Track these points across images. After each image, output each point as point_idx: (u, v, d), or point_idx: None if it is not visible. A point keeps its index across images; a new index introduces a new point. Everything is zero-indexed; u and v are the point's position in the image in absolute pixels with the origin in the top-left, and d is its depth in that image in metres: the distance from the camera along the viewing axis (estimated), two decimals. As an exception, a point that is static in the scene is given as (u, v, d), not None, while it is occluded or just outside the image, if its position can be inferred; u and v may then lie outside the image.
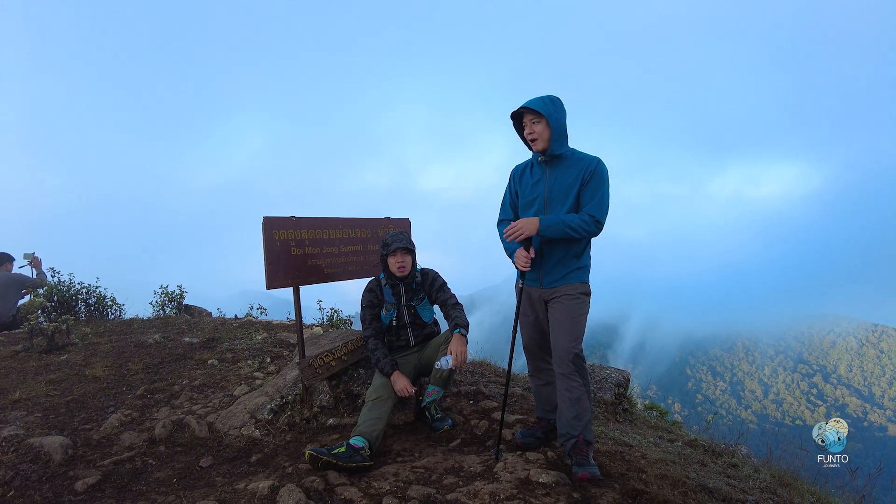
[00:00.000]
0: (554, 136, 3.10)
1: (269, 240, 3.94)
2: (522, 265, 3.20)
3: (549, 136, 3.11)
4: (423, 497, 2.74)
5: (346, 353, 4.29)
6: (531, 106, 3.08)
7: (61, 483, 3.20)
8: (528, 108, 3.10)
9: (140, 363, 5.64)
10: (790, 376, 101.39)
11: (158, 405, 4.56)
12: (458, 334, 3.65)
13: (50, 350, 6.17)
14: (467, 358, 3.63)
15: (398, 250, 3.76)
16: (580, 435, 3.07)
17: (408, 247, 3.78)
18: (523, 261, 3.18)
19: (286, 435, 3.91)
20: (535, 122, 3.11)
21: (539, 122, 3.10)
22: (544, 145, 3.13)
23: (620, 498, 2.80)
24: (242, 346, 6.41)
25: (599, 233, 3.13)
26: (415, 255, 3.92)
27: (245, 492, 2.87)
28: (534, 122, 3.12)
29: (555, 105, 3.11)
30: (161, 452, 3.68)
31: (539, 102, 3.09)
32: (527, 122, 3.15)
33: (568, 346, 3.09)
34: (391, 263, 3.80)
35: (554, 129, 3.09)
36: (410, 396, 3.69)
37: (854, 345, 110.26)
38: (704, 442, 4.65)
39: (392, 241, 3.77)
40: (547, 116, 3.06)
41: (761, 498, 3.26)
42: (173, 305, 9.97)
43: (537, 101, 3.10)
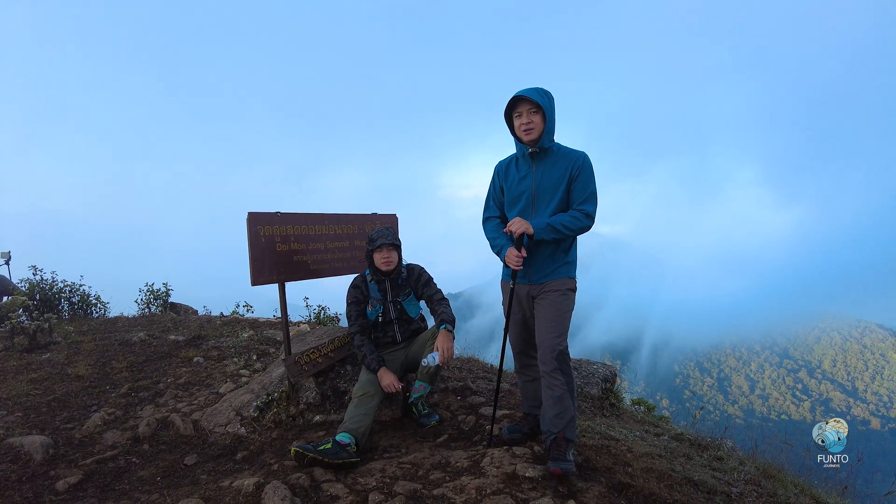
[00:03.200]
0: (547, 128, 3.07)
1: (254, 236, 3.90)
2: (514, 264, 3.13)
3: (542, 129, 3.07)
4: (409, 492, 2.73)
5: (332, 349, 4.27)
6: (531, 96, 3.01)
7: (42, 483, 3.15)
8: (527, 98, 3.02)
9: (124, 361, 5.58)
10: (776, 372, 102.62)
11: (143, 403, 4.51)
12: (445, 330, 3.64)
13: (32, 349, 6.09)
14: (454, 353, 3.63)
15: (384, 246, 3.74)
16: (560, 432, 3.06)
17: (394, 242, 3.77)
18: (515, 260, 3.12)
19: (272, 432, 3.88)
20: (534, 112, 3.05)
21: (537, 113, 3.05)
22: (537, 136, 3.07)
23: (606, 491, 2.81)
24: (228, 343, 6.36)
25: (591, 227, 3.12)
26: (400, 251, 3.90)
27: (230, 489, 2.84)
28: (532, 112, 3.05)
29: (549, 98, 3.08)
30: (145, 451, 3.64)
31: (537, 93, 3.03)
32: (523, 111, 3.07)
33: (553, 343, 3.08)
34: (377, 258, 3.77)
35: (548, 122, 3.06)
36: (397, 392, 3.69)
37: (838, 340, 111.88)
38: (690, 436, 4.68)
39: (378, 236, 3.75)
40: (544, 108, 3.03)
41: (745, 490, 3.29)
42: (159, 303, 9.88)
43: (535, 91, 3.04)
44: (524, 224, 3.03)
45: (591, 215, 3.07)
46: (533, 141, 3.10)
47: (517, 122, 3.13)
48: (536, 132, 3.07)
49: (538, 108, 3.04)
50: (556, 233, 3.04)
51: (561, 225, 3.02)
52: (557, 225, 3.02)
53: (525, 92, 3.03)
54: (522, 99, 3.05)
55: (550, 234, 3.04)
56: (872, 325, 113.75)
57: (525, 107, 3.06)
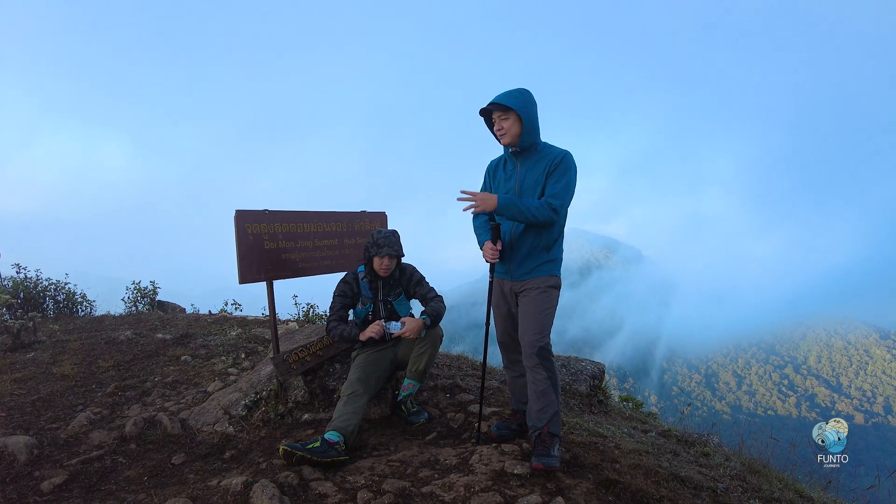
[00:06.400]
0: (525, 128, 3.11)
1: (242, 234, 3.88)
2: (490, 257, 3.22)
3: (519, 130, 3.11)
4: (398, 490, 2.73)
5: (321, 348, 4.26)
6: (498, 101, 3.08)
7: (26, 484, 3.11)
8: (496, 105, 3.09)
9: (111, 360, 5.52)
10: (763, 368, 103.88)
11: (129, 402, 4.47)
12: (422, 318, 3.76)
13: (16, 348, 6.01)
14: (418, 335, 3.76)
15: (387, 255, 3.74)
16: (545, 426, 3.10)
17: (398, 254, 3.79)
18: (490, 253, 3.20)
19: (260, 431, 3.86)
20: (504, 118, 3.11)
21: (507, 118, 3.10)
22: (512, 139, 3.13)
23: (594, 488, 2.83)
24: (216, 342, 6.32)
25: (558, 221, 3.16)
26: (400, 260, 3.92)
27: (218, 488, 2.82)
28: (502, 119, 3.12)
29: (524, 97, 3.11)
30: (132, 450, 3.61)
31: (506, 97, 3.09)
32: (495, 118, 3.16)
33: (533, 339, 3.12)
34: (376, 263, 3.76)
35: (525, 122, 3.10)
36: (381, 338, 3.74)
37: (823, 336, 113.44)
38: (678, 432, 4.73)
39: (385, 243, 3.71)
40: (517, 109, 3.06)
41: (731, 485, 3.34)
42: (146, 301, 9.80)
43: (504, 96, 3.09)
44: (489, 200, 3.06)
45: (558, 209, 3.09)
46: (510, 143, 3.17)
47: (494, 128, 3.22)
48: (509, 135, 3.13)
49: (509, 113, 3.10)
50: (518, 213, 3.06)
51: (525, 207, 3.05)
52: (522, 206, 3.05)
53: (495, 99, 3.11)
54: (494, 106, 3.12)
55: (513, 214, 3.07)
56: (856, 322, 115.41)
57: (496, 113, 3.15)
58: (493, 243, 3.19)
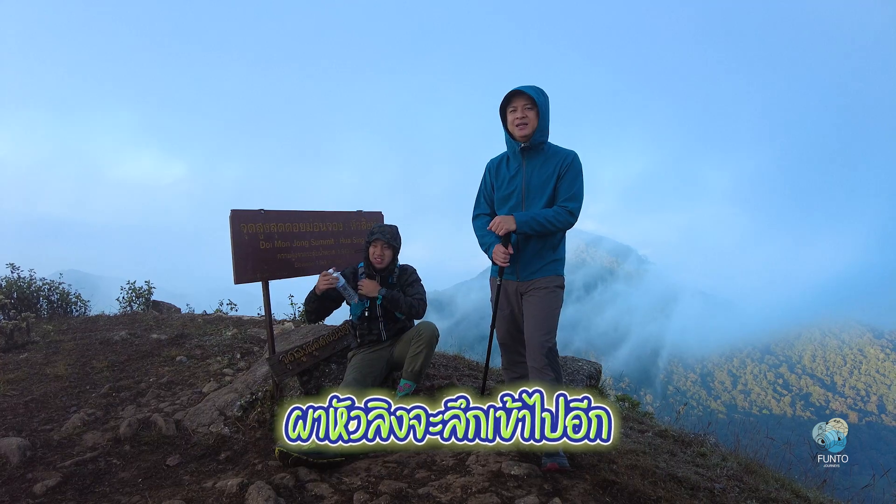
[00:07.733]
0: (540, 126, 3.12)
1: (237, 233, 3.85)
2: (501, 261, 3.17)
3: (535, 126, 3.11)
4: (394, 492, 2.72)
5: (317, 348, 4.24)
6: (528, 91, 3.06)
7: (19, 486, 3.09)
8: (524, 93, 3.07)
9: (105, 361, 5.49)
10: (758, 367, 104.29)
11: (124, 403, 4.45)
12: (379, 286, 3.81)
13: (9, 349, 5.96)
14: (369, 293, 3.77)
15: (378, 241, 3.75)
16: None
17: (390, 242, 3.78)
18: (502, 256, 3.15)
19: (256, 432, 3.84)
20: (529, 108, 3.09)
21: (532, 109, 3.09)
22: (529, 132, 3.11)
23: (591, 489, 2.82)
24: (212, 342, 6.29)
25: (574, 224, 3.16)
26: (397, 252, 3.90)
27: (213, 490, 2.81)
28: (527, 108, 3.09)
29: (545, 97, 3.14)
30: (126, 452, 3.58)
31: (534, 90, 3.09)
32: (518, 106, 3.11)
33: (542, 340, 3.10)
34: (370, 252, 3.79)
35: (541, 120, 3.11)
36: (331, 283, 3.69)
37: (818, 336, 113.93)
38: (674, 432, 4.73)
39: (378, 230, 3.79)
40: (539, 106, 3.07)
41: (728, 485, 3.33)
42: (141, 301, 9.75)
43: (532, 88, 3.09)
44: (507, 221, 3.05)
45: (574, 213, 3.11)
46: (525, 136, 3.13)
47: (511, 117, 3.16)
48: (530, 128, 3.11)
49: (534, 105, 3.09)
50: (539, 227, 3.06)
51: (544, 219, 3.05)
52: (541, 219, 3.05)
53: (523, 87, 3.09)
54: (519, 94, 3.10)
55: (534, 228, 3.07)
56: (850, 321, 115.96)
57: (521, 102, 3.11)
58: (504, 246, 3.17)
